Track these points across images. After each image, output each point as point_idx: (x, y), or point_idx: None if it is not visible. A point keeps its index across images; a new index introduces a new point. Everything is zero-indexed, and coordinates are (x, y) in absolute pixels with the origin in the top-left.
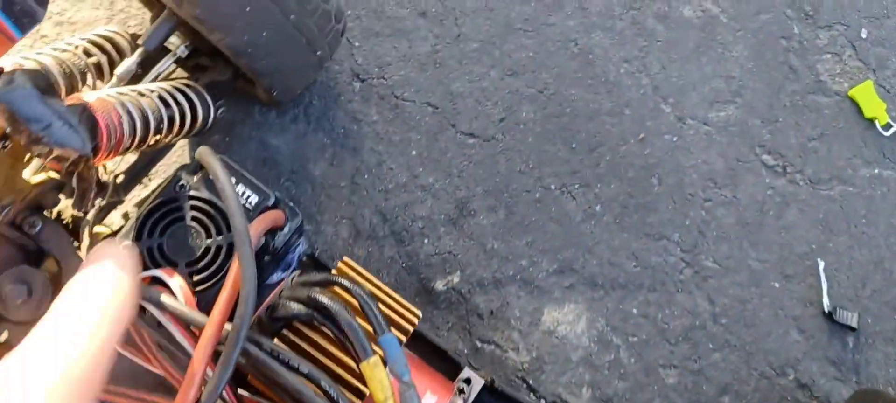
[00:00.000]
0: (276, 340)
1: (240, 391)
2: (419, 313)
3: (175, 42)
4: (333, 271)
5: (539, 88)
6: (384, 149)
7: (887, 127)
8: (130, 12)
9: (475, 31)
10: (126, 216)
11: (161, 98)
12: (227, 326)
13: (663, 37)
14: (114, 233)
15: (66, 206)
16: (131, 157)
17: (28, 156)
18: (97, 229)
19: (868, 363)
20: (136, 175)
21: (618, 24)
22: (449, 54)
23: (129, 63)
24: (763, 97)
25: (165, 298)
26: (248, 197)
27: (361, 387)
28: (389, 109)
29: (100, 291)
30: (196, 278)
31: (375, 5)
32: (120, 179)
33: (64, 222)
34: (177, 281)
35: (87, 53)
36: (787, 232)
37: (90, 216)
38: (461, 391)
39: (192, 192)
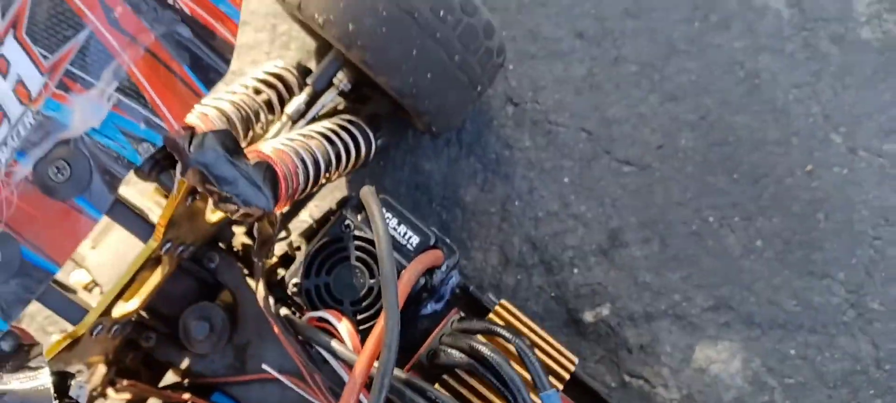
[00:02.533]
0: (437, 386)
1: None
2: (576, 360)
3: (340, 77)
4: (491, 314)
5: (701, 114)
6: (536, 175)
7: None
8: (292, 35)
9: (635, 53)
10: (291, 245)
11: (327, 138)
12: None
13: (837, 61)
14: (281, 259)
15: (237, 235)
16: None
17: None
18: (268, 263)
19: None
20: (297, 205)
21: (788, 47)
22: (606, 77)
23: (298, 102)
24: None
25: (335, 343)
26: (409, 237)
27: None
28: (542, 135)
29: None
30: (360, 317)
31: (531, 26)
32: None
33: (235, 250)
34: (345, 326)
35: (258, 92)
36: None
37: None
38: None
39: (357, 232)
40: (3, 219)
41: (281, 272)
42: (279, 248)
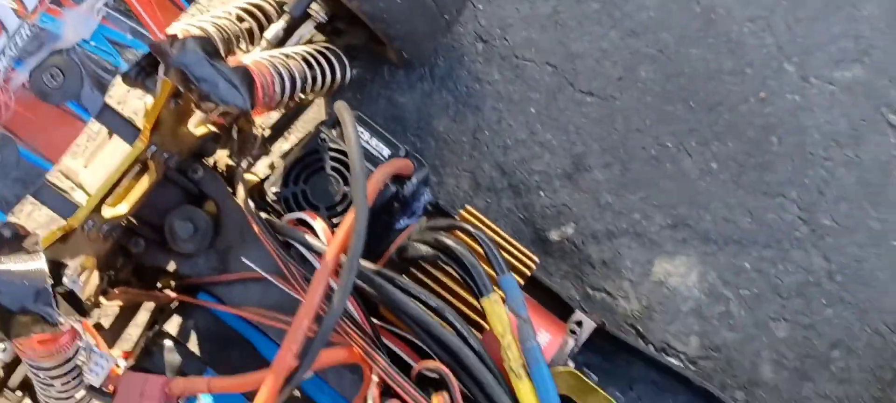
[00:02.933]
0: (405, 278)
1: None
2: (537, 259)
3: (316, 8)
4: (457, 217)
5: (659, 48)
6: (504, 107)
7: None
8: None
9: None
10: (272, 166)
11: (305, 60)
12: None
13: None
14: (262, 181)
15: (220, 157)
16: (275, 115)
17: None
18: (247, 177)
19: None
20: (279, 130)
21: None
22: (570, 15)
23: (276, 28)
24: (893, 57)
25: (309, 237)
26: (381, 150)
27: (482, 323)
28: (510, 69)
29: None
30: (334, 220)
31: None
32: (267, 134)
33: (219, 171)
34: (319, 224)
35: (240, 19)
36: None
37: (243, 165)
38: (573, 332)
39: (332, 144)
40: (1, 122)
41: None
42: (263, 171)
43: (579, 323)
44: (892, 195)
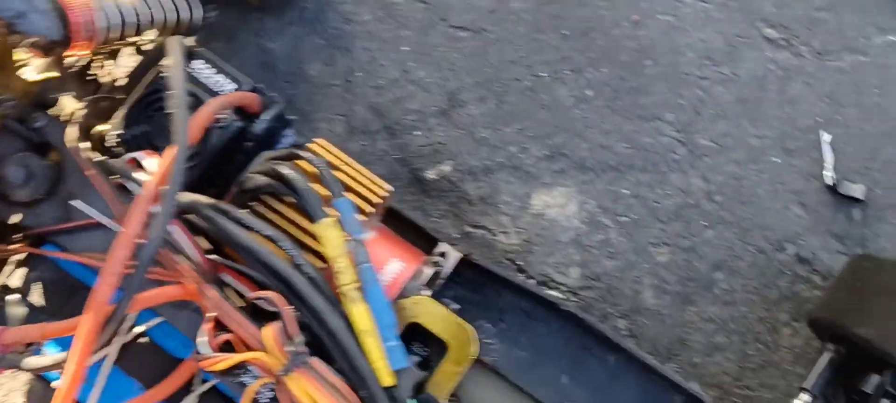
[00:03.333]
0: (244, 211)
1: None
2: (390, 187)
3: None
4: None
5: None
6: (376, 46)
7: None
8: None
9: None
10: None
11: None
12: None
13: None
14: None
15: (74, 108)
16: (133, 62)
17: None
18: (98, 128)
19: (877, 236)
20: (136, 78)
21: None
22: None
23: None
24: None
25: (136, 173)
26: (224, 85)
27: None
28: (380, 8)
29: None
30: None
31: None
32: (122, 82)
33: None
34: (151, 161)
35: None
36: (790, 106)
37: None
38: (437, 264)
39: None
40: None
41: None
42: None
43: (443, 255)
44: (770, 110)
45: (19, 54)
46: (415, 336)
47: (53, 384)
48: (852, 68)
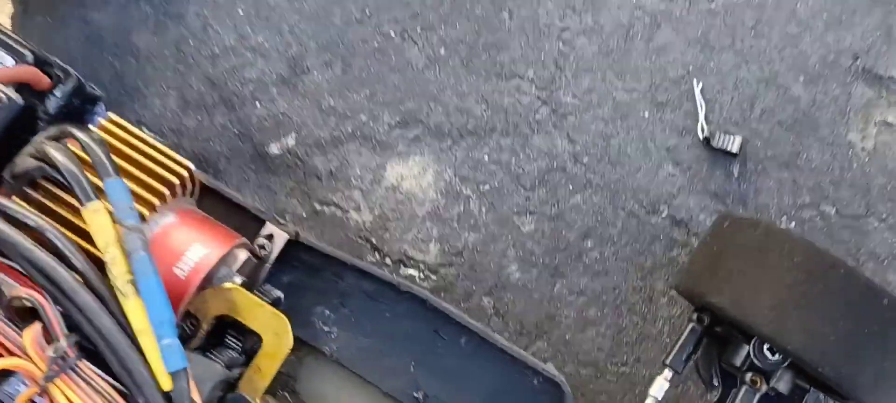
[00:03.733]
0: (14, 198)
1: None
2: (190, 165)
3: None
4: (96, 128)
5: None
6: (209, 11)
7: None
8: None
9: None
10: None
11: None
12: None
13: None
14: None
15: None
16: None
17: None
18: None
19: (758, 192)
20: None
21: None
22: None
23: None
24: None
25: None
26: (2, 59)
27: None
28: None
29: None
30: None
31: None
32: None
33: None
34: None
35: None
36: (659, 55)
37: None
38: (262, 248)
39: None
40: None
41: None
42: None
43: (270, 237)
44: (637, 61)
45: None
46: (231, 327)
47: None
48: (725, 9)
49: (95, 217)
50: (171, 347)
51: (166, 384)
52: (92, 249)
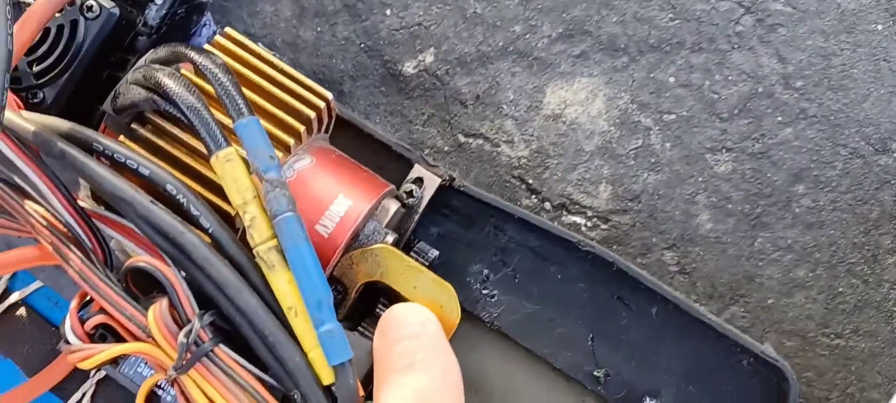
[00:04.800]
0: (121, 138)
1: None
2: (329, 95)
3: None
4: (210, 45)
5: None
6: None
7: None
8: None
9: None
10: None
11: None
12: None
13: None
14: None
15: None
16: None
17: None
18: None
19: None
20: None
21: None
22: None
23: None
24: None
25: None
26: None
27: None
28: None
29: None
30: (37, 69)
31: None
32: None
33: None
34: None
35: None
36: None
37: None
38: (410, 193)
39: None
40: None
41: None
42: None
43: (419, 181)
44: None
45: None
46: (382, 293)
47: None
48: None
49: (229, 167)
50: (333, 334)
51: (328, 377)
52: (222, 204)
